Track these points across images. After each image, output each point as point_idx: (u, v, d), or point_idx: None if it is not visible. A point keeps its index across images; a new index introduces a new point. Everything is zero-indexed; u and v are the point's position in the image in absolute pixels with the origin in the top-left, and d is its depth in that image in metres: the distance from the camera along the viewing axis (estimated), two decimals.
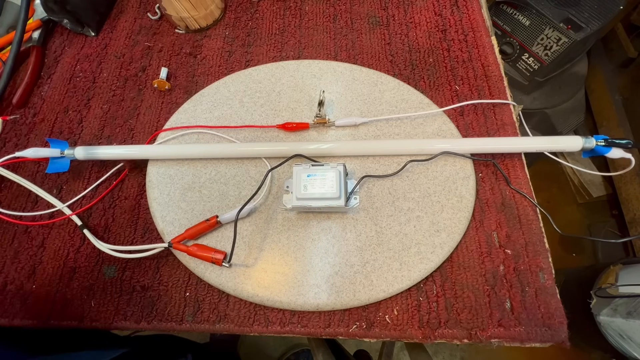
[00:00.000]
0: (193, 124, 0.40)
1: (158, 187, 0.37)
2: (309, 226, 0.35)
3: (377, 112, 0.39)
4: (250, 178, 0.37)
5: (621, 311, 0.74)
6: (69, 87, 0.45)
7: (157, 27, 0.48)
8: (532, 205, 0.34)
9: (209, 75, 0.44)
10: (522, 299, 0.31)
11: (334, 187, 0.32)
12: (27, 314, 0.34)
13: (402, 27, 0.44)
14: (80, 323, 0.33)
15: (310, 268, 0.33)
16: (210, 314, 0.33)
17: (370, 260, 0.33)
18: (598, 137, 0.34)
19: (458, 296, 0.32)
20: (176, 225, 0.35)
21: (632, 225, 1.04)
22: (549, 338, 0.30)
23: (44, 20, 0.48)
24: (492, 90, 0.40)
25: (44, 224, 0.37)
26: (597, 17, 0.78)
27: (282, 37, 0.45)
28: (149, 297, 0.34)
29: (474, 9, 0.44)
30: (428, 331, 0.31)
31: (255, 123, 0.40)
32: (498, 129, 0.38)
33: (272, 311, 0.32)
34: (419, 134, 0.38)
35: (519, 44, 0.89)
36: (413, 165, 0.36)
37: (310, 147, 0.36)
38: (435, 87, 0.41)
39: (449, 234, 0.33)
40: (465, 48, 0.42)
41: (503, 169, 0.36)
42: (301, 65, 0.42)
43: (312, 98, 0.40)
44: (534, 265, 0.32)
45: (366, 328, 0.31)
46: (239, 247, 0.34)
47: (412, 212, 0.34)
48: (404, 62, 0.42)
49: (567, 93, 0.97)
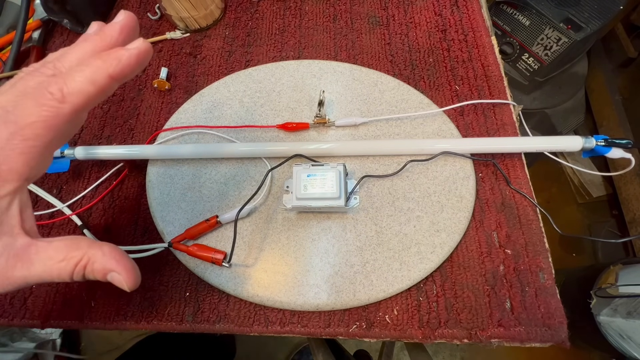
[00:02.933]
0: (193, 124, 0.40)
1: (158, 187, 0.37)
2: (309, 226, 0.35)
3: (377, 112, 0.39)
4: (250, 178, 0.37)
5: (621, 311, 0.74)
6: None
7: (157, 27, 0.48)
8: (532, 205, 0.34)
9: (209, 75, 0.44)
10: (522, 299, 0.31)
11: (334, 187, 0.32)
12: (27, 314, 0.34)
13: (402, 27, 0.44)
14: (80, 323, 0.33)
15: (310, 268, 0.33)
16: (210, 314, 0.33)
17: (370, 260, 0.33)
18: (598, 137, 0.34)
19: (458, 296, 0.32)
20: (176, 225, 0.35)
21: (632, 225, 1.04)
22: (549, 338, 0.30)
23: (44, 20, 0.48)
24: (492, 90, 0.40)
25: (44, 224, 0.37)
26: (597, 17, 0.78)
27: (282, 37, 0.45)
28: (149, 297, 0.34)
29: (474, 9, 0.44)
30: (428, 331, 0.31)
31: (255, 123, 0.40)
32: (498, 129, 0.38)
33: (272, 311, 0.32)
34: (419, 134, 0.38)
35: (519, 44, 0.89)
36: (413, 165, 0.36)
37: (310, 147, 0.36)
38: (435, 87, 0.41)
39: (449, 234, 0.33)
40: (465, 48, 0.42)
41: (503, 169, 0.36)
42: (301, 65, 0.42)
43: (312, 98, 0.40)
44: (534, 265, 0.32)
45: (366, 328, 0.31)
46: (239, 247, 0.34)
47: (412, 212, 0.34)
48: (404, 62, 0.42)
49: (567, 93, 0.97)
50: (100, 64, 0.18)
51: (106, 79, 0.18)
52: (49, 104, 0.17)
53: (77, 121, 0.20)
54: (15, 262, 0.18)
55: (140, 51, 0.18)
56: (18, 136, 0.17)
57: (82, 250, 0.19)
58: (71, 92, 0.17)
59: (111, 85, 0.18)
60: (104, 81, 0.18)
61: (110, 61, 0.18)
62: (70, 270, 0.19)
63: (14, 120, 0.17)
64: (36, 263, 0.18)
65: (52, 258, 0.19)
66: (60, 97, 0.17)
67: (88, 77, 0.17)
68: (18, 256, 0.18)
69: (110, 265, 0.20)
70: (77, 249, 0.19)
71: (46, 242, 0.19)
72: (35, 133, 0.17)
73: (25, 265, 0.18)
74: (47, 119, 0.17)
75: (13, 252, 0.18)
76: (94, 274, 0.20)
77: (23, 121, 0.17)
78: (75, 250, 0.19)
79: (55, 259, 0.19)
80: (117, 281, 0.20)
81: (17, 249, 0.18)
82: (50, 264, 0.19)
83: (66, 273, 0.19)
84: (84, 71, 0.18)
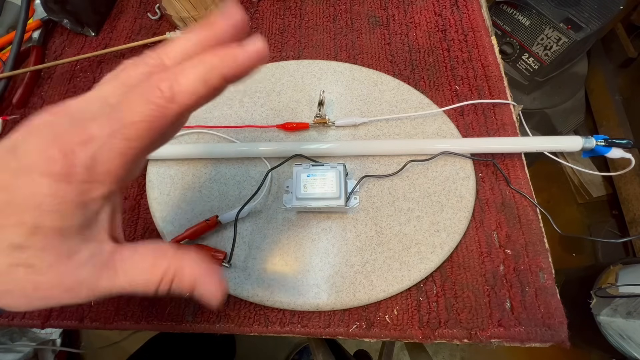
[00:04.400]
0: (193, 124, 0.40)
1: (158, 187, 0.37)
2: (309, 226, 0.35)
3: (377, 112, 0.39)
4: (250, 178, 0.37)
5: (621, 311, 0.74)
6: (69, 87, 0.45)
7: (157, 27, 0.48)
8: (532, 205, 0.34)
9: None
10: (522, 299, 0.31)
11: (334, 187, 0.32)
12: (27, 314, 0.34)
13: (402, 27, 0.44)
14: (80, 323, 0.33)
15: (310, 268, 0.33)
16: (210, 313, 0.33)
17: (370, 260, 0.33)
18: (598, 137, 0.34)
19: (458, 296, 0.32)
20: (176, 225, 0.35)
21: (632, 225, 1.04)
22: (549, 338, 0.30)
23: (44, 20, 0.48)
24: (492, 90, 0.40)
25: None
26: (597, 17, 0.78)
27: (282, 37, 0.45)
28: (149, 297, 0.34)
29: (474, 9, 0.44)
30: (428, 331, 0.31)
31: (255, 123, 0.40)
32: (498, 129, 0.38)
33: (272, 311, 0.32)
34: (419, 134, 0.38)
35: (519, 44, 0.89)
36: (413, 165, 0.36)
37: (310, 147, 0.36)
38: (435, 87, 0.41)
39: (449, 234, 0.33)
40: (465, 48, 0.42)
41: (503, 169, 0.36)
42: (301, 65, 0.42)
43: (312, 98, 0.40)
44: (534, 265, 0.32)
45: (366, 328, 0.31)
46: (239, 247, 0.34)
47: (412, 212, 0.34)
48: (404, 62, 0.42)
49: (567, 93, 0.97)
50: (215, 62, 0.15)
51: (219, 80, 0.15)
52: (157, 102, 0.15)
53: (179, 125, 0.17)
54: (101, 273, 0.16)
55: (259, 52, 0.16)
56: (119, 135, 0.15)
57: (167, 260, 0.17)
58: (182, 91, 0.15)
59: (222, 87, 0.16)
60: (216, 82, 0.15)
61: (226, 60, 0.15)
62: (156, 282, 0.17)
63: (118, 117, 0.15)
64: (120, 273, 0.17)
65: (137, 268, 0.17)
66: (170, 95, 0.15)
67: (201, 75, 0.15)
68: (104, 265, 0.16)
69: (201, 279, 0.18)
70: (163, 257, 0.17)
71: (131, 250, 0.17)
72: (138, 134, 0.15)
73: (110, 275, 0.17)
74: (153, 120, 0.15)
75: (99, 261, 0.16)
76: (182, 289, 0.18)
77: (127, 119, 0.15)
78: (161, 259, 0.17)
79: (140, 269, 0.17)
80: (208, 296, 0.18)
81: (103, 257, 0.17)
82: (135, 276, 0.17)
83: (152, 286, 0.17)
84: (197, 68, 0.15)
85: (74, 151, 0.14)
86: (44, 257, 0.15)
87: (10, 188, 0.14)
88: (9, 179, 0.14)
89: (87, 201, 0.15)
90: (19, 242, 0.14)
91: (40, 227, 0.14)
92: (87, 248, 0.16)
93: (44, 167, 0.14)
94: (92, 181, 0.15)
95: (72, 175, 0.14)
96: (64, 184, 0.14)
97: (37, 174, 0.14)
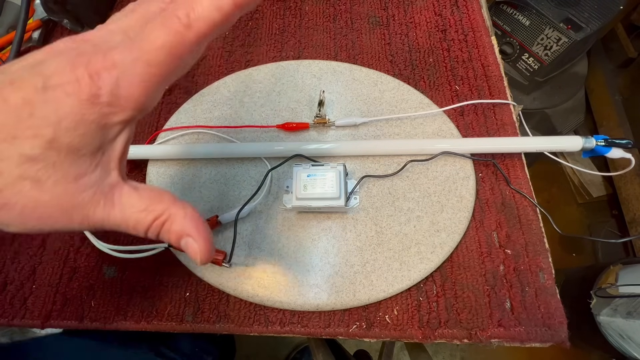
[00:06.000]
0: (193, 124, 0.40)
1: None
2: (309, 226, 0.35)
3: (377, 112, 0.39)
4: (250, 178, 0.37)
5: (621, 311, 0.74)
6: None
7: None
8: (532, 205, 0.34)
9: (209, 75, 0.44)
10: (522, 299, 0.31)
11: (334, 187, 0.32)
12: (27, 314, 0.34)
13: (402, 27, 0.44)
14: (80, 323, 0.33)
15: (310, 268, 0.33)
16: (210, 314, 0.33)
17: (370, 260, 0.33)
18: (598, 137, 0.34)
19: (458, 296, 0.32)
20: None
21: (632, 225, 1.04)
22: (549, 338, 0.30)
23: (44, 20, 0.48)
24: (492, 90, 0.40)
25: None
26: (597, 17, 0.78)
27: (282, 37, 0.45)
28: (149, 297, 0.34)
29: (474, 9, 0.44)
30: (428, 331, 0.31)
31: (255, 123, 0.40)
32: (498, 129, 0.38)
33: (272, 311, 0.32)
34: (419, 134, 0.38)
35: (519, 44, 0.89)
36: (413, 165, 0.36)
37: (310, 147, 0.36)
38: (435, 87, 0.41)
39: (449, 234, 0.33)
40: (465, 48, 0.42)
41: (503, 169, 0.36)
42: (301, 65, 0.42)
43: (312, 98, 0.40)
44: (534, 265, 0.32)
45: (366, 328, 0.31)
46: (239, 247, 0.34)
47: (412, 212, 0.34)
48: (404, 62, 0.42)
49: (567, 93, 0.97)
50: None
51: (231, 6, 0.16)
52: (176, 29, 0.15)
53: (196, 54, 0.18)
54: (99, 201, 0.17)
55: None
56: (141, 62, 0.15)
57: (164, 205, 0.18)
58: (198, 18, 0.16)
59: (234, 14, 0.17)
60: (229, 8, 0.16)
61: None
62: (148, 223, 0.18)
63: (139, 45, 0.15)
64: (117, 207, 0.17)
65: (133, 206, 0.17)
66: (187, 22, 0.16)
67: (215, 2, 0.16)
68: (104, 195, 0.17)
69: (189, 230, 0.18)
70: (160, 202, 0.18)
71: (132, 188, 0.18)
72: (159, 60, 0.16)
73: (107, 206, 0.17)
74: (173, 46, 0.16)
75: (101, 190, 0.17)
76: (169, 235, 0.18)
77: (148, 46, 0.15)
78: (158, 203, 0.18)
79: (136, 208, 0.17)
80: (192, 250, 0.18)
81: (106, 187, 0.17)
82: (129, 212, 0.17)
83: (143, 226, 0.18)
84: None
85: (99, 74, 0.15)
86: (52, 173, 0.15)
87: (32, 103, 0.15)
88: (32, 95, 0.15)
89: (107, 124, 0.16)
90: (32, 153, 0.15)
91: (57, 142, 0.15)
92: (94, 173, 0.17)
93: (70, 86, 0.15)
94: (115, 105, 0.15)
95: (97, 97, 0.15)
96: (87, 105, 0.15)
97: (63, 93, 0.15)
